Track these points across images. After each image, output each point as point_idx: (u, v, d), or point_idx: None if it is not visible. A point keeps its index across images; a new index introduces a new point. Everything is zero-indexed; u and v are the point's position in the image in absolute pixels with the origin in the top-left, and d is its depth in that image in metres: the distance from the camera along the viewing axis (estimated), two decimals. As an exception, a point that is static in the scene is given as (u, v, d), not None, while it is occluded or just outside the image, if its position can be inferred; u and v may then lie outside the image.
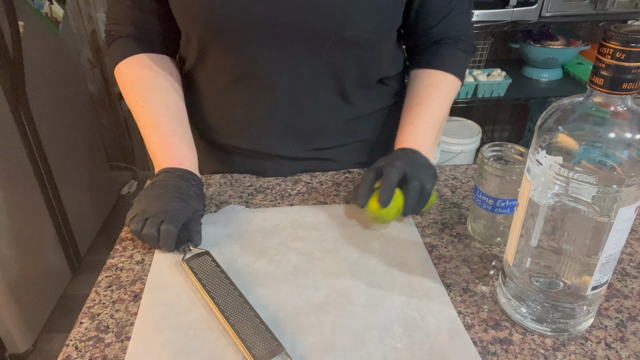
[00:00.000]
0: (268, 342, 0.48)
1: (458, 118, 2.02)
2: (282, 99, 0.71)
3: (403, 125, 0.73)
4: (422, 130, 0.71)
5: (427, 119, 0.72)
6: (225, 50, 0.68)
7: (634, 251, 0.62)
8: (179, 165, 0.67)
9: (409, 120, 0.72)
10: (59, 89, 1.75)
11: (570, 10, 1.67)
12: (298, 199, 0.72)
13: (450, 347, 0.49)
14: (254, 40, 0.66)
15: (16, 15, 1.44)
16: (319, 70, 0.69)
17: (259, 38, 0.65)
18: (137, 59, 0.72)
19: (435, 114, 0.73)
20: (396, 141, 0.72)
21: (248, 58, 0.68)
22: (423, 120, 0.72)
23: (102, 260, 1.88)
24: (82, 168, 1.92)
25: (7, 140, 1.44)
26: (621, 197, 0.41)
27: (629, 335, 0.50)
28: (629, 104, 0.41)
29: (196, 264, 0.58)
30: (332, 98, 0.74)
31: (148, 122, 0.70)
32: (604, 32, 0.39)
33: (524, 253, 0.49)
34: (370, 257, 0.60)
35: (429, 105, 0.72)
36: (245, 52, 0.67)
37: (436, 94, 0.73)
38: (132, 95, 0.71)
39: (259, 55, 0.67)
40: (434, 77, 0.75)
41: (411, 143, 0.69)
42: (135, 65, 0.72)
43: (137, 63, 0.72)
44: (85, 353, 0.49)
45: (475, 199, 0.62)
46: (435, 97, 0.73)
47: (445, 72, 0.75)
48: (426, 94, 0.73)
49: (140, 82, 0.72)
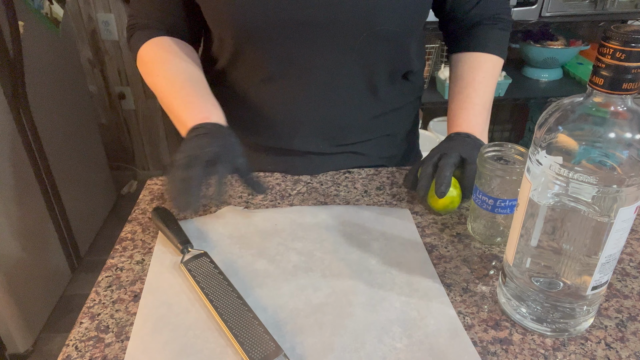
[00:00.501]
0: (266, 344, 0.47)
1: (458, 118, 2.01)
2: (314, 95, 0.72)
3: (454, 110, 0.75)
4: (473, 113, 0.73)
5: (476, 101, 0.74)
6: (258, 50, 0.69)
7: (634, 251, 0.62)
8: (207, 120, 0.65)
9: (459, 105, 0.74)
10: (59, 89, 1.75)
11: (570, 10, 1.66)
12: (298, 199, 0.72)
13: (450, 347, 0.49)
14: (286, 40, 0.66)
15: (16, 15, 1.44)
16: (350, 66, 0.70)
17: (291, 37, 0.66)
18: (158, 41, 0.73)
19: (484, 95, 0.75)
20: (449, 126, 0.75)
21: (281, 57, 0.69)
22: (472, 102, 0.74)
23: (102, 260, 1.88)
24: (82, 168, 1.92)
25: (7, 140, 1.44)
26: (621, 197, 0.41)
27: (629, 335, 0.50)
28: (629, 104, 0.41)
29: (194, 266, 0.57)
30: (362, 94, 0.75)
31: (170, 89, 0.69)
32: (604, 32, 0.39)
33: (524, 253, 0.49)
34: (370, 257, 0.60)
35: (476, 88, 0.75)
36: (278, 51, 0.68)
37: (480, 75, 0.75)
38: (152, 71, 0.72)
39: (291, 53, 0.68)
40: (477, 59, 0.77)
41: (464, 127, 0.72)
42: (155, 45, 0.73)
43: (157, 44, 0.73)
44: (85, 353, 0.49)
45: (475, 199, 0.62)
46: (481, 79, 0.75)
47: (487, 53, 0.77)
48: (471, 76, 0.76)
49: (161, 58, 0.72)
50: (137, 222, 0.68)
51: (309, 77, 0.70)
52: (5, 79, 1.42)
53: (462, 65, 0.78)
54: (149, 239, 0.64)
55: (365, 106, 0.76)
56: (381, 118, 0.79)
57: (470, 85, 0.75)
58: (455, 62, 0.79)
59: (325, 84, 0.72)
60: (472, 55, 0.77)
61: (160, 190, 0.75)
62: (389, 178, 0.77)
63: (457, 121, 0.73)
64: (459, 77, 0.77)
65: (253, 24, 0.65)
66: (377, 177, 0.78)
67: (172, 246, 0.62)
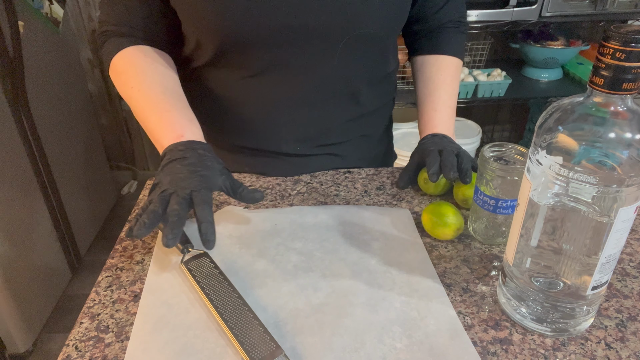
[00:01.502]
0: (266, 344, 0.47)
1: (458, 118, 2.02)
2: (294, 97, 0.72)
3: (426, 112, 0.77)
4: (446, 115, 0.76)
5: (448, 103, 0.77)
6: (239, 53, 0.68)
7: (634, 251, 0.62)
8: (181, 138, 0.62)
9: (432, 107, 0.76)
10: (59, 89, 1.75)
11: (570, 10, 1.67)
12: (298, 199, 0.72)
13: (449, 347, 0.49)
14: (269, 44, 0.66)
15: (16, 15, 1.44)
16: (331, 69, 0.70)
17: (274, 42, 0.66)
18: (131, 50, 0.70)
19: (452, 97, 0.78)
20: (423, 127, 0.77)
21: (262, 59, 0.68)
22: (445, 105, 0.76)
23: (102, 260, 1.88)
24: (82, 168, 1.92)
25: (7, 140, 1.44)
26: (621, 197, 0.41)
27: (629, 335, 0.50)
28: (629, 104, 0.41)
29: (195, 266, 0.57)
30: (342, 96, 0.75)
31: (144, 104, 0.66)
32: (604, 32, 0.39)
33: (524, 253, 0.49)
34: (370, 257, 0.60)
35: (446, 90, 0.77)
36: (259, 54, 0.67)
37: (449, 78, 0.78)
38: (127, 83, 0.68)
39: (273, 56, 0.68)
40: (443, 62, 0.79)
41: (440, 129, 0.74)
42: (129, 55, 0.70)
43: (131, 54, 0.70)
44: (85, 353, 0.49)
45: (476, 199, 0.62)
46: (449, 82, 0.77)
47: (451, 56, 0.79)
48: (440, 78, 0.78)
49: (135, 70, 0.69)
50: (137, 222, 0.68)
51: (289, 78, 0.70)
52: (5, 79, 1.42)
53: (429, 67, 0.80)
54: (149, 239, 0.64)
55: (344, 108, 0.76)
56: (359, 119, 0.80)
57: (440, 87, 0.77)
58: (421, 64, 0.81)
59: (305, 86, 0.71)
60: (438, 58, 0.80)
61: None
62: (389, 178, 0.77)
63: (432, 123, 0.76)
64: (427, 78, 0.79)
65: (238, 32, 0.64)
66: (377, 177, 0.78)
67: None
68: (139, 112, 0.67)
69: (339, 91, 0.74)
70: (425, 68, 0.80)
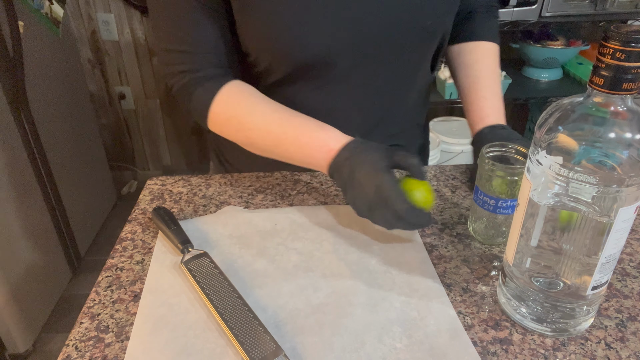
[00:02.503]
0: (266, 344, 0.47)
1: (458, 118, 2.02)
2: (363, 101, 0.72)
3: (475, 101, 0.73)
4: (497, 102, 0.73)
5: (496, 90, 0.74)
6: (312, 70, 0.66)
7: (634, 251, 0.62)
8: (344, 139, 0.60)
9: (481, 95, 0.73)
10: (59, 89, 1.75)
11: (570, 10, 1.66)
12: (298, 199, 0.72)
13: (449, 347, 0.49)
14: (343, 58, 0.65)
15: (16, 15, 1.44)
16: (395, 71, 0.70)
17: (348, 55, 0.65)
18: (227, 90, 0.65)
19: (498, 84, 0.75)
20: (475, 117, 0.73)
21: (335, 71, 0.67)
22: (493, 92, 0.74)
23: (102, 260, 1.88)
24: (82, 168, 1.92)
25: (7, 140, 1.44)
26: (621, 197, 0.41)
27: (629, 335, 0.50)
28: (629, 104, 0.41)
29: (195, 266, 0.57)
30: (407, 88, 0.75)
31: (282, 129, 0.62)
32: (604, 32, 0.39)
33: (524, 253, 0.49)
34: (369, 257, 0.60)
35: (492, 77, 0.74)
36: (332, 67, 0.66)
37: (492, 64, 0.76)
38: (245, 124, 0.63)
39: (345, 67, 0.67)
40: (482, 48, 0.77)
41: (493, 118, 0.71)
42: (230, 96, 0.65)
43: (231, 94, 0.65)
44: (85, 353, 0.49)
45: (476, 199, 0.62)
46: (493, 68, 0.75)
47: (490, 42, 0.77)
48: (482, 66, 0.75)
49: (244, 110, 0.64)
50: (137, 222, 0.68)
51: (358, 85, 0.70)
52: (5, 79, 1.42)
53: (468, 55, 0.77)
54: (149, 239, 0.64)
55: (406, 98, 0.76)
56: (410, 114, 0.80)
57: (485, 74, 0.75)
58: (458, 53, 0.79)
59: (373, 84, 0.71)
60: (476, 45, 0.77)
61: (160, 190, 0.75)
62: (389, 178, 0.77)
63: (485, 111, 0.72)
64: (468, 67, 0.76)
65: (315, 54, 0.63)
66: (377, 177, 0.78)
67: (172, 246, 0.62)
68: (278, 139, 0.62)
69: (403, 87, 0.74)
70: (463, 56, 0.77)
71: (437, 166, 0.81)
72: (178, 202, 0.72)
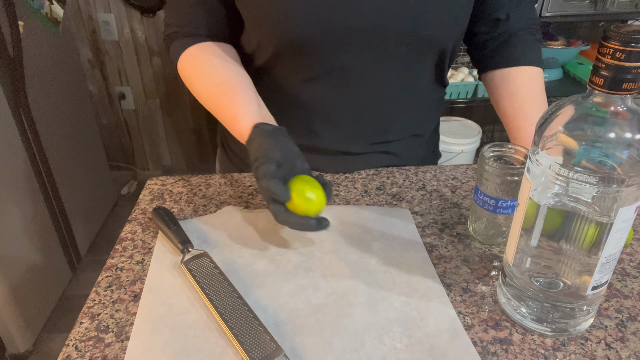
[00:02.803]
0: (266, 344, 0.48)
1: (458, 118, 2.02)
2: (354, 97, 0.72)
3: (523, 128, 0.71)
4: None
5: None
6: (298, 56, 0.68)
7: (634, 251, 0.62)
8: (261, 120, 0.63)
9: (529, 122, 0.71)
10: (59, 89, 1.75)
11: (570, 10, 1.67)
12: (298, 199, 0.72)
13: (449, 347, 0.49)
14: (331, 46, 0.66)
15: (16, 15, 1.44)
16: (391, 74, 0.70)
17: (336, 44, 0.66)
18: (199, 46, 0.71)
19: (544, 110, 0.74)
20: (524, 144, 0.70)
21: (322, 61, 0.68)
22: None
23: (102, 260, 1.88)
24: (82, 168, 1.92)
25: (7, 140, 1.44)
26: (621, 197, 0.41)
27: (629, 335, 0.50)
28: (629, 104, 0.41)
29: (195, 266, 0.57)
30: (400, 99, 0.75)
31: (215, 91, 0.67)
32: (604, 32, 0.39)
33: (524, 253, 0.49)
34: (369, 258, 0.60)
35: (539, 103, 0.73)
36: (320, 56, 0.67)
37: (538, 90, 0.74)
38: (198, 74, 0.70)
39: (334, 58, 0.67)
40: (528, 73, 0.75)
41: None
42: (198, 50, 0.71)
43: (200, 49, 0.71)
44: (85, 353, 0.49)
45: (476, 199, 0.62)
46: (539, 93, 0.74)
47: (534, 67, 0.75)
48: (528, 91, 0.73)
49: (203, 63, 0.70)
50: (137, 222, 0.68)
51: (349, 82, 0.70)
52: (5, 79, 1.42)
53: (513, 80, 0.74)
54: (149, 239, 0.64)
55: (402, 109, 0.77)
56: (415, 119, 0.80)
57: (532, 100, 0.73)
58: (500, 79, 0.76)
59: (365, 90, 0.72)
60: (520, 70, 0.74)
61: (160, 190, 0.75)
62: (389, 178, 0.77)
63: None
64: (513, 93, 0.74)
65: (301, 35, 0.64)
66: (377, 177, 0.78)
67: (172, 246, 0.62)
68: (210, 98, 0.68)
69: (397, 94, 0.74)
70: (507, 82, 0.75)
71: (437, 166, 0.81)
72: (178, 202, 0.72)
